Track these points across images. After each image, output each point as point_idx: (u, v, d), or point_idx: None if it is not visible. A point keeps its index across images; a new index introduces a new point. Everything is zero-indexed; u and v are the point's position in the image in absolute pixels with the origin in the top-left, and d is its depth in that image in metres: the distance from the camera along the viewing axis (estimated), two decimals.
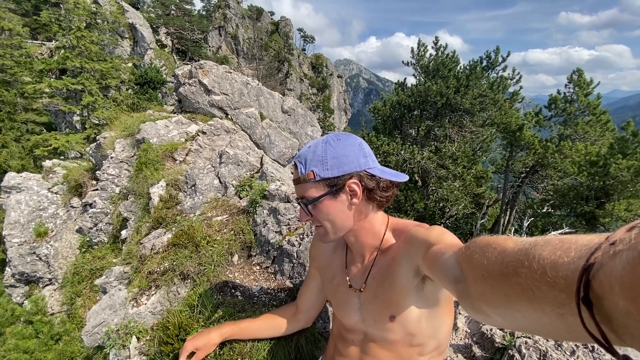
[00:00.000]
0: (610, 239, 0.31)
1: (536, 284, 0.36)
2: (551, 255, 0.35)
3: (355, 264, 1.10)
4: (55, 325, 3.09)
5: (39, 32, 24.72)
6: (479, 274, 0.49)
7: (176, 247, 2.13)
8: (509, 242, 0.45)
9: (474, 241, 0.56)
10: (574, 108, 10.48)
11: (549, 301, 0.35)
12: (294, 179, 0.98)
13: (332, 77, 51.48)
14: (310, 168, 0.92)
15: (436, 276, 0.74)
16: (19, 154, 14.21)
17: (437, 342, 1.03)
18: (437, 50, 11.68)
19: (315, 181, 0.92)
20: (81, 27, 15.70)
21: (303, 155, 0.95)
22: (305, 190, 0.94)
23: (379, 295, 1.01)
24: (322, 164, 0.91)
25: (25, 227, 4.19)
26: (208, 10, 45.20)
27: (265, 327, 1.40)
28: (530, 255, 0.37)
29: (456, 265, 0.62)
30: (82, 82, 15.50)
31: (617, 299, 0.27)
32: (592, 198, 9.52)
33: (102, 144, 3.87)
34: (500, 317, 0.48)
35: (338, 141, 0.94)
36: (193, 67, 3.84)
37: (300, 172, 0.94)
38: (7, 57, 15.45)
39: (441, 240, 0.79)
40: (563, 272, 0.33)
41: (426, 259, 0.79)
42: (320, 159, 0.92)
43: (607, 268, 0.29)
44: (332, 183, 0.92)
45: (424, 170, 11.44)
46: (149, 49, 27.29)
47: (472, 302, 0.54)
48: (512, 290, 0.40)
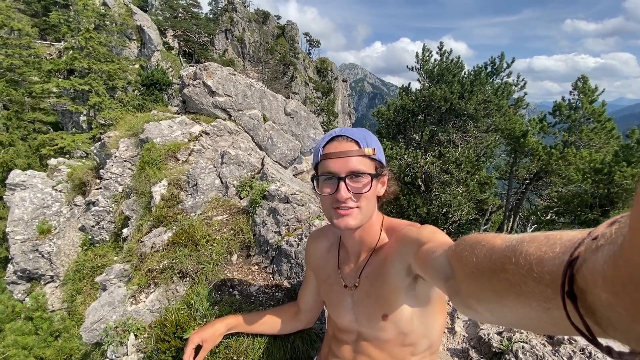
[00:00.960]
0: (593, 234, 0.32)
1: (523, 280, 0.36)
2: (537, 251, 0.36)
3: (349, 263, 1.11)
4: (55, 322, 3.11)
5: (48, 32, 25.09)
6: (469, 271, 0.50)
7: (176, 246, 2.15)
8: (497, 240, 0.45)
9: (464, 239, 0.56)
10: (579, 115, 10.43)
11: (535, 296, 0.35)
12: (349, 150, 0.92)
13: (336, 81, 51.67)
14: (372, 145, 0.93)
15: (427, 274, 0.75)
16: (25, 152, 14.37)
17: (429, 341, 1.03)
18: (441, 55, 11.68)
19: (371, 159, 0.93)
20: (90, 28, 15.94)
21: (359, 133, 0.95)
22: (363, 164, 0.92)
23: (371, 294, 1.02)
24: (379, 147, 0.96)
25: (29, 225, 4.24)
26: (215, 13, 45.67)
27: (268, 323, 1.41)
28: (517, 251, 0.38)
29: (446, 263, 0.63)
30: (89, 82, 15.70)
31: (600, 292, 0.28)
32: (596, 206, 9.44)
33: (107, 143, 3.92)
34: (489, 313, 0.48)
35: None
36: (198, 68, 3.88)
37: (363, 145, 0.92)
38: (16, 57, 15.69)
39: (432, 239, 0.80)
40: (548, 267, 0.34)
41: (417, 257, 0.80)
42: (377, 142, 0.96)
43: (590, 262, 0.29)
44: (380, 167, 0.95)
45: (427, 175, 11.41)
46: (156, 51, 27.59)
47: (462, 299, 0.55)
48: (500, 286, 0.41)
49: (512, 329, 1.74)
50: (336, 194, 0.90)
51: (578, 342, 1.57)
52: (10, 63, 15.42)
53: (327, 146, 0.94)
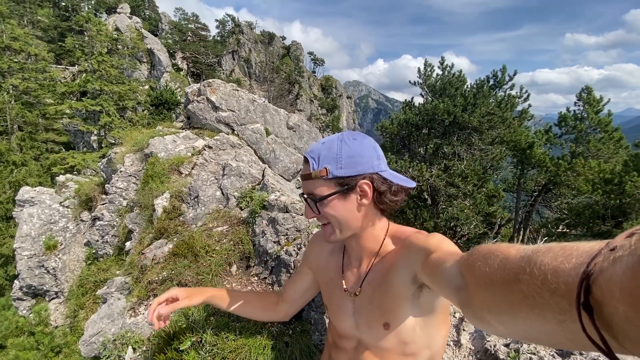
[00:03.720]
0: (611, 245, 0.31)
1: (538, 291, 0.36)
2: (553, 262, 0.35)
3: (352, 268, 1.09)
4: (57, 338, 3.09)
5: (63, 57, 26.21)
6: (482, 282, 0.49)
7: (176, 257, 2.15)
8: (512, 250, 0.45)
9: (477, 249, 0.55)
10: (585, 125, 10.34)
11: (550, 308, 0.35)
12: (304, 174, 0.95)
13: (341, 98, 52.46)
14: (324, 165, 0.90)
15: (436, 284, 0.73)
16: (37, 171, 14.72)
17: (431, 352, 1.00)
18: (443, 69, 11.82)
19: (326, 178, 0.90)
20: (102, 52, 16.62)
21: (316, 151, 0.92)
22: (315, 186, 0.91)
23: (374, 300, 0.99)
24: (337, 162, 0.90)
25: (36, 240, 4.29)
26: (223, 35, 47.29)
27: (245, 305, 1.31)
28: (532, 261, 0.37)
29: (458, 273, 0.62)
30: (100, 103, 16.23)
31: (617, 304, 0.28)
32: (608, 217, 9.20)
33: (113, 158, 4.00)
34: (502, 326, 0.47)
35: (354, 140, 0.93)
36: (202, 85, 3.99)
37: (312, 168, 0.91)
38: (32, 81, 16.35)
39: (440, 247, 0.78)
40: (564, 277, 0.33)
41: (425, 266, 0.78)
42: (334, 157, 0.90)
43: (607, 273, 0.29)
44: (344, 182, 0.90)
45: (433, 189, 11.31)
46: (165, 72, 28.51)
47: (475, 311, 0.54)
48: (514, 297, 0.40)
49: (519, 341, 1.67)
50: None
51: (589, 354, 1.50)
52: (26, 86, 16.07)
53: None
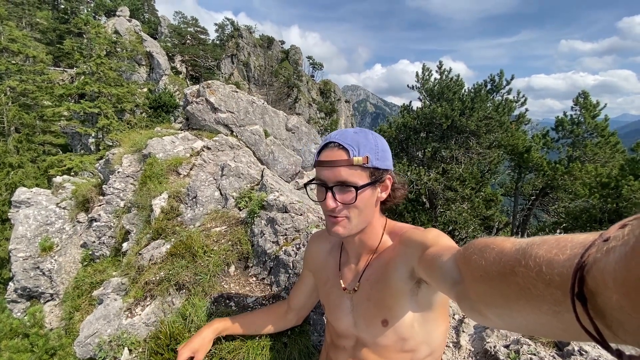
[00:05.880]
0: (604, 236, 0.32)
1: (533, 282, 0.36)
2: (547, 254, 0.36)
3: (349, 265, 1.08)
4: (52, 340, 3.05)
5: (61, 59, 26.19)
6: (477, 275, 0.49)
7: (173, 257, 2.13)
8: (507, 243, 0.45)
9: (472, 243, 0.56)
10: (582, 130, 10.42)
11: (545, 299, 0.35)
12: (337, 159, 0.88)
13: (339, 102, 52.64)
14: (365, 153, 0.87)
15: (433, 279, 0.73)
16: (34, 173, 14.63)
17: (430, 349, 0.99)
18: (441, 74, 11.90)
19: (364, 167, 0.87)
20: (101, 54, 16.62)
21: (352, 139, 0.89)
22: (351, 174, 0.87)
23: (371, 297, 0.99)
24: (375, 153, 0.89)
25: (32, 242, 4.24)
26: (222, 39, 47.44)
27: (256, 324, 1.38)
28: (527, 254, 0.38)
29: (454, 267, 0.62)
30: (98, 105, 16.20)
31: (611, 293, 0.28)
32: (605, 220, 9.25)
33: (111, 159, 3.97)
34: (498, 318, 0.48)
35: (379, 135, 0.94)
36: (201, 86, 3.99)
37: (353, 154, 0.87)
38: (30, 83, 16.31)
39: (437, 242, 0.78)
40: (558, 269, 0.34)
41: (422, 261, 0.78)
42: (373, 147, 0.89)
43: (601, 264, 0.29)
44: (378, 174, 0.89)
45: (431, 192, 11.33)
46: (164, 75, 28.53)
47: (471, 304, 0.54)
48: (509, 289, 0.41)
49: (520, 342, 1.67)
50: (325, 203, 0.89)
51: (589, 354, 1.50)
52: (24, 88, 16.03)
53: (321, 152, 0.93)
